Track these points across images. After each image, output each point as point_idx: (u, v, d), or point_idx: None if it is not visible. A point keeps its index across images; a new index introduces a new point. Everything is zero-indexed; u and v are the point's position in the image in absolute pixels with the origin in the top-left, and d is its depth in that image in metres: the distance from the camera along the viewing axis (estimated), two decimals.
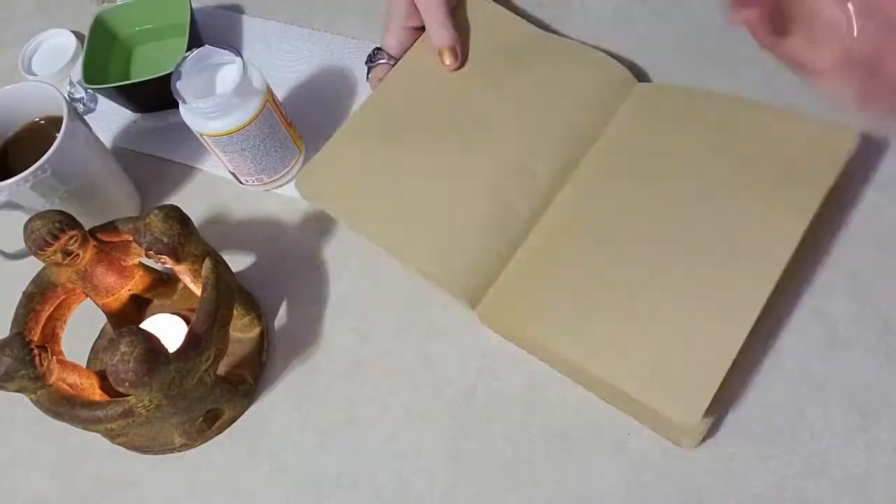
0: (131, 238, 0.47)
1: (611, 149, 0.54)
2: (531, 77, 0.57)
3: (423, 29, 0.59)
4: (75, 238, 0.45)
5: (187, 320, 0.53)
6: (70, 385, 0.45)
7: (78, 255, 0.46)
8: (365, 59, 0.61)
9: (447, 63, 0.57)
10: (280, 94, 0.63)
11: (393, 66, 0.59)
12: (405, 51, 0.59)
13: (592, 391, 0.47)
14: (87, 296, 0.50)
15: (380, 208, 0.54)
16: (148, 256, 0.45)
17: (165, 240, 0.44)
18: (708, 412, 0.42)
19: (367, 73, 0.61)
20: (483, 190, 0.52)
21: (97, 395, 0.47)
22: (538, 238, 0.51)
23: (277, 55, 0.67)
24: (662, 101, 0.55)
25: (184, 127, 0.54)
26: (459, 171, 0.54)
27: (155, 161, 0.64)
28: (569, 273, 0.49)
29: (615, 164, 0.53)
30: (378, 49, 0.60)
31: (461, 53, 0.58)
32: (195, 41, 0.64)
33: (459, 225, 0.52)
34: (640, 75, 0.59)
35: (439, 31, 0.57)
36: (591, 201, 0.52)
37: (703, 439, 0.44)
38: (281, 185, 0.60)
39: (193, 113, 0.52)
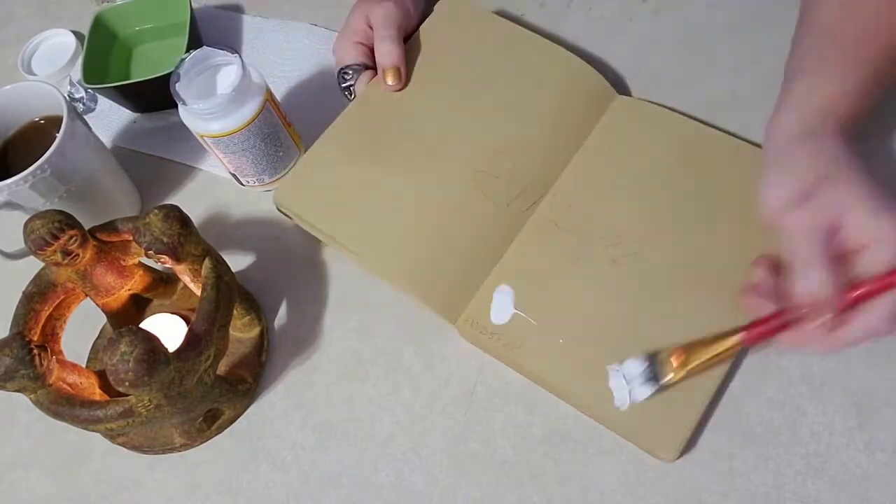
0: (131, 238, 0.47)
1: (588, 162, 0.53)
2: (512, 85, 0.56)
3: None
4: (75, 238, 0.45)
5: (187, 320, 0.53)
6: (70, 385, 0.45)
7: (78, 254, 0.46)
8: (338, 84, 0.58)
9: (389, 83, 0.55)
10: (280, 94, 0.63)
11: (369, 69, 0.57)
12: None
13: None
14: (86, 295, 0.50)
15: (356, 224, 0.52)
16: (148, 256, 0.45)
17: (165, 239, 0.44)
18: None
19: (347, 94, 0.58)
20: (460, 203, 0.52)
21: (97, 394, 0.47)
22: (515, 252, 0.51)
23: (277, 55, 0.67)
24: (638, 117, 0.55)
25: (184, 127, 0.54)
26: (436, 184, 0.53)
27: (155, 161, 0.64)
28: (546, 291, 0.49)
29: (592, 177, 0.53)
30: (343, 68, 0.58)
31: (405, 76, 0.56)
32: (195, 41, 0.64)
33: (436, 240, 0.51)
34: (639, 75, 0.59)
35: (385, 50, 0.55)
36: (568, 216, 0.51)
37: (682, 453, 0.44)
38: None
39: (193, 114, 0.52)
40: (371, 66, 0.57)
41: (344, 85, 0.58)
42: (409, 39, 0.58)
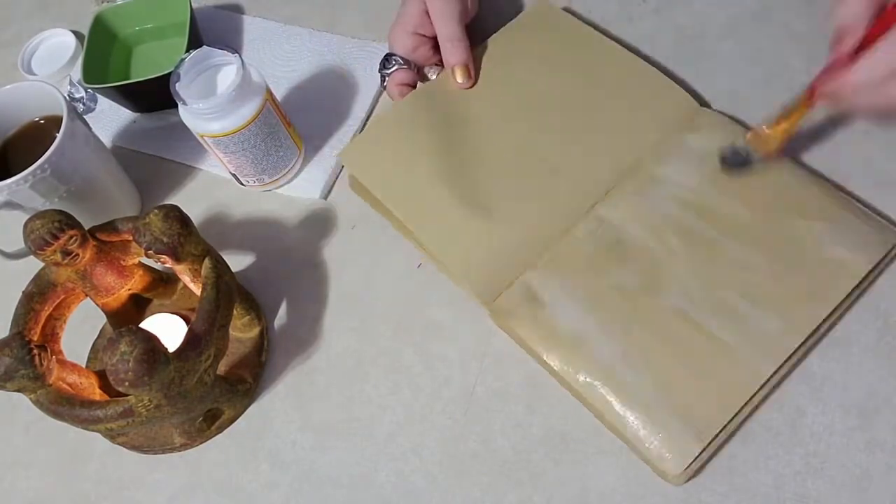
0: (131, 238, 0.47)
1: (653, 168, 0.52)
2: (590, 90, 0.56)
3: (433, 39, 0.57)
4: (75, 237, 0.45)
5: (187, 320, 0.53)
6: (70, 385, 0.45)
7: (77, 254, 0.46)
8: (378, 67, 0.59)
9: (459, 81, 0.55)
10: (280, 94, 0.63)
11: (408, 69, 0.57)
12: (416, 59, 0.57)
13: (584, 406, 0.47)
14: (86, 295, 0.50)
15: (417, 191, 0.53)
16: (148, 256, 0.45)
17: (165, 239, 0.44)
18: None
19: (382, 81, 0.59)
20: (523, 193, 0.52)
21: (97, 394, 0.47)
22: (565, 246, 0.50)
23: (277, 55, 0.67)
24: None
25: (184, 127, 0.54)
26: (502, 170, 0.53)
27: (155, 161, 0.64)
28: (586, 294, 0.48)
29: (654, 186, 0.52)
30: (389, 55, 0.58)
31: (473, 71, 0.55)
32: (195, 41, 0.64)
33: (492, 223, 0.51)
34: None
35: (452, 48, 0.54)
36: (625, 220, 0.51)
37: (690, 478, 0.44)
38: (281, 186, 0.60)
39: (193, 114, 0.52)
40: (415, 61, 0.57)
41: (382, 72, 0.58)
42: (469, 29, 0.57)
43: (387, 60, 0.58)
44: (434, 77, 0.58)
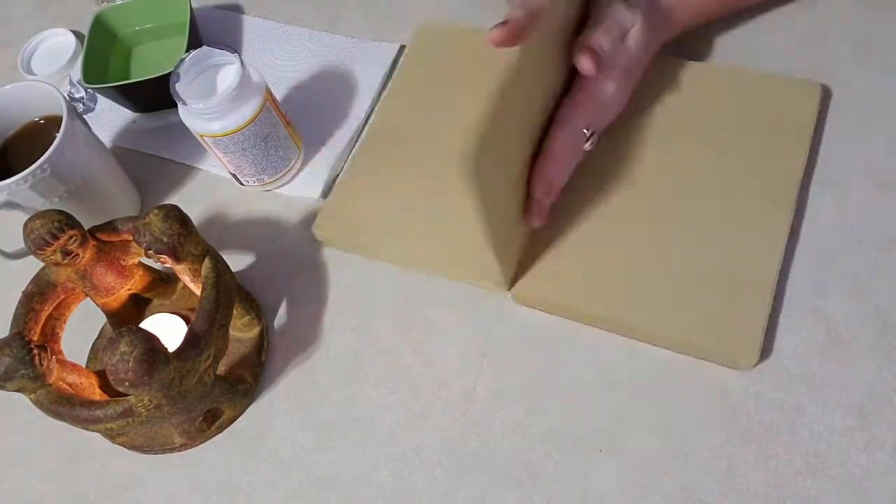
0: (131, 238, 0.47)
1: (629, 119, 0.54)
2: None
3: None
4: (75, 237, 0.45)
5: (187, 320, 0.53)
6: (70, 385, 0.45)
7: (77, 254, 0.46)
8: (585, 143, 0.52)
9: (493, 35, 0.42)
10: (279, 94, 0.63)
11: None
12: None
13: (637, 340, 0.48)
14: (86, 295, 0.50)
15: (401, 234, 0.53)
16: (147, 256, 0.45)
17: (165, 239, 0.44)
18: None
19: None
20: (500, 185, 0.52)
21: (97, 394, 0.47)
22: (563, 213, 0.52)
23: (277, 55, 0.67)
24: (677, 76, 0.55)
25: (184, 127, 0.54)
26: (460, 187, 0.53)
27: (155, 161, 0.64)
28: (601, 242, 0.50)
29: (632, 132, 0.54)
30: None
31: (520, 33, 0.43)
32: (195, 41, 0.64)
33: (481, 224, 0.51)
34: None
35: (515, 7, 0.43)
36: (614, 170, 0.53)
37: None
38: (281, 185, 0.60)
39: (192, 114, 0.52)
40: None
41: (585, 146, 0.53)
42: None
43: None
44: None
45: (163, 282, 0.55)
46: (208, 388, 0.45)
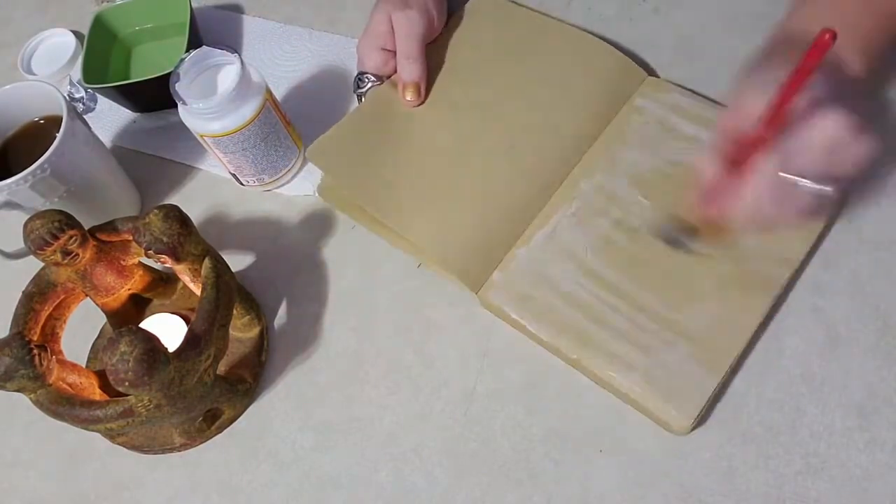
0: (131, 238, 0.47)
1: (613, 139, 0.54)
2: (539, 68, 0.57)
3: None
4: (75, 237, 0.45)
5: (187, 320, 0.53)
6: (70, 385, 0.45)
7: (77, 254, 0.46)
8: (352, 88, 0.59)
9: (408, 99, 0.56)
10: (279, 94, 0.63)
11: (381, 84, 0.57)
12: (388, 73, 0.57)
13: (586, 376, 0.48)
14: (86, 295, 0.50)
15: (386, 185, 0.53)
16: (148, 256, 0.45)
17: (165, 239, 0.44)
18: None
19: (359, 100, 0.59)
20: (490, 178, 0.53)
21: (97, 394, 0.47)
22: (540, 226, 0.52)
23: (277, 55, 0.67)
24: (670, 101, 0.56)
25: (184, 127, 0.54)
26: (467, 155, 0.54)
27: (155, 161, 0.64)
28: (568, 266, 0.50)
29: (617, 155, 0.54)
30: (361, 73, 0.58)
31: (424, 92, 0.56)
32: (195, 41, 0.64)
33: (466, 209, 0.52)
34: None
35: (408, 66, 0.55)
36: (593, 194, 0.53)
37: (694, 428, 0.45)
38: (281, 185, 0.60)
39: (192, 114, 0.52)
40: (388, 76, 0.58)
41: (357, 91, 0.58)
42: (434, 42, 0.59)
43: (360, 80, 0.58)
44: None
45: (163, 282, 0.55)
46: (208, 388, 0.45)
